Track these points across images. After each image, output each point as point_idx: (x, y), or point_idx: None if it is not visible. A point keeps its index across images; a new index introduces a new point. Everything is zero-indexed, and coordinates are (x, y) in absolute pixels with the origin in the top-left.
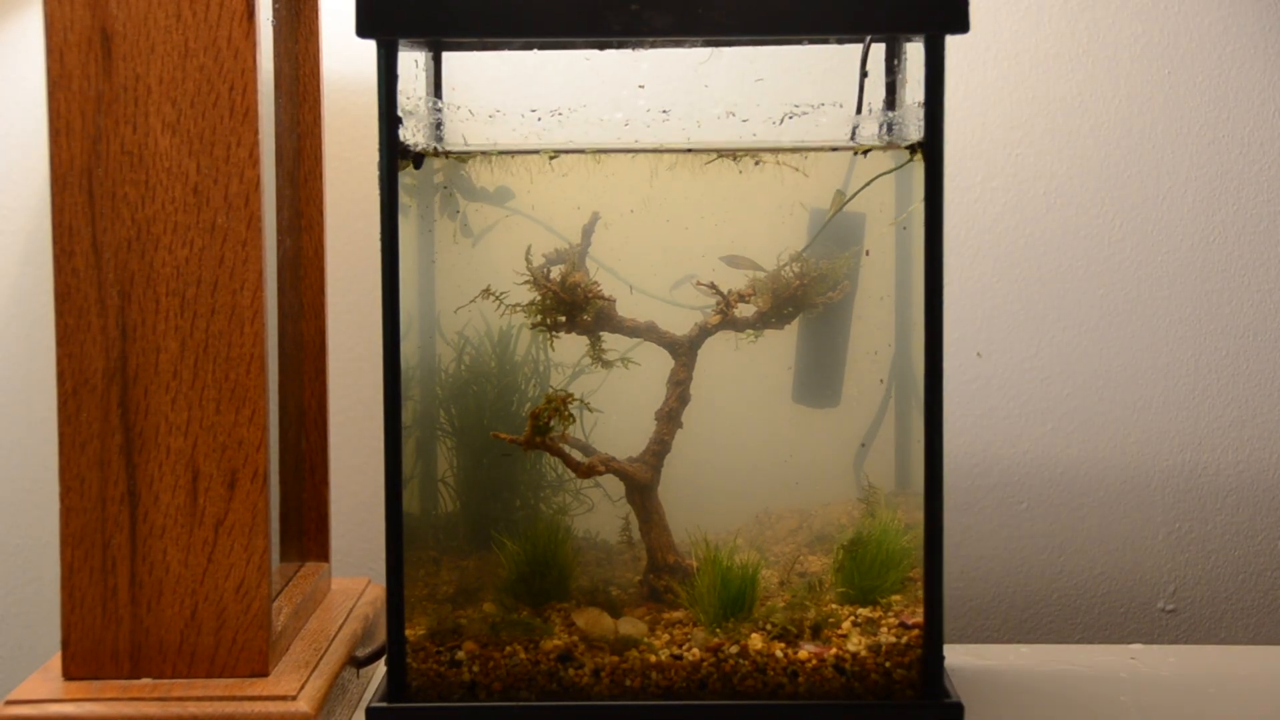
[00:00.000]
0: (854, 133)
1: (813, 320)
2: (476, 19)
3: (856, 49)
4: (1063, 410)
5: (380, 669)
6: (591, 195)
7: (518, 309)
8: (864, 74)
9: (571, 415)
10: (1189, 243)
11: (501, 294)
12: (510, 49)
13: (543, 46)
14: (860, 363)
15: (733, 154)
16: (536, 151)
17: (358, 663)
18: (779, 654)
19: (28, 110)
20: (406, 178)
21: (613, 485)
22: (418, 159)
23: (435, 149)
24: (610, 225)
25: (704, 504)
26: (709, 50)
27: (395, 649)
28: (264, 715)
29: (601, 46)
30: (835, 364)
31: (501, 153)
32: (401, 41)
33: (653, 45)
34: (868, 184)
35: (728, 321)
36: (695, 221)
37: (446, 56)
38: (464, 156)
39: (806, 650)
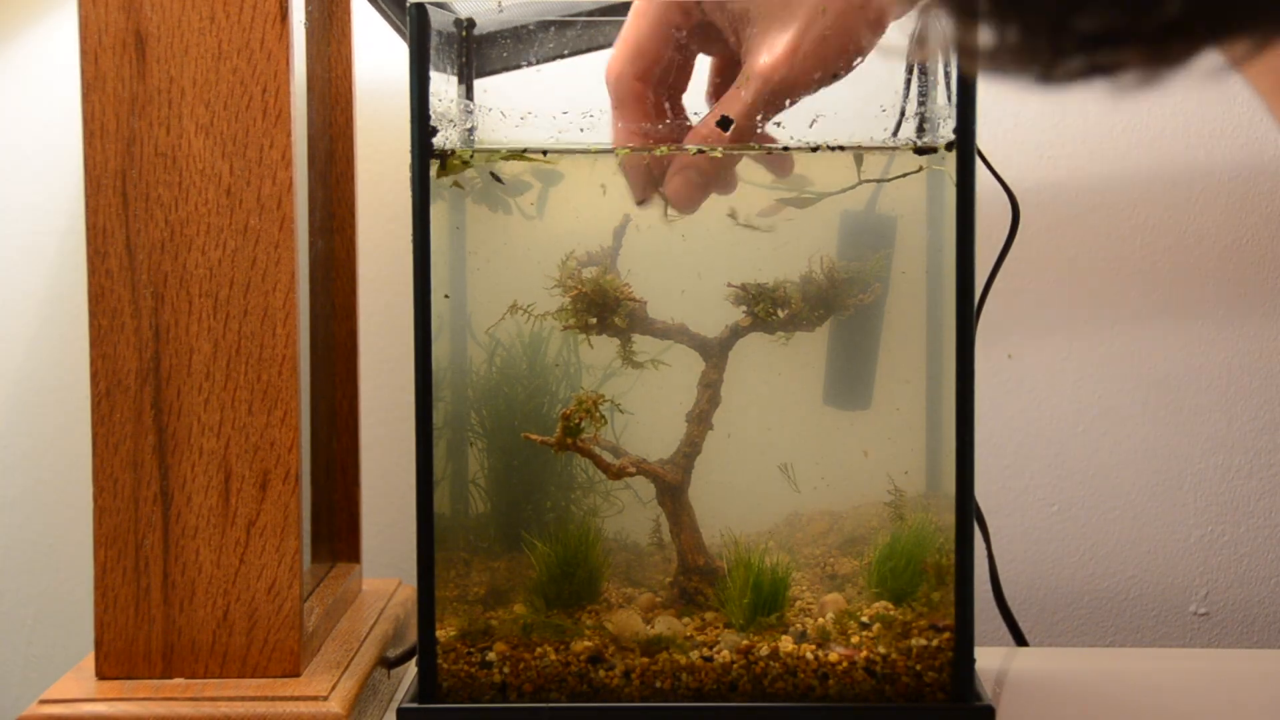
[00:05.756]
0: (896, 129)
1: (844, 322)
2: None
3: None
4: (1094, 413)
5: (411, 670)
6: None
7: (548, 316)
8: (909, 74)
9: (602, 417)
10: (1221, 245)
11: (529, 305)
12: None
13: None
14: (891, 365)
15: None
16: (569, 152)
17: (389, 663)
18: (810, 656)
19: (62, 113)
20: (439, 179)
21: (643, 487)
22: (442, 157)
23: (459, 151)
24: (640, 230)
25: (735, 506)
26: None
27: (426, 650)
28: (296, 716)
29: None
30: (866, 366)
31: (526, 151)
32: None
33: None
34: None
35: (759, 324)
36: (724, 224)
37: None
38: (492, 155)
39: (837, 653)
